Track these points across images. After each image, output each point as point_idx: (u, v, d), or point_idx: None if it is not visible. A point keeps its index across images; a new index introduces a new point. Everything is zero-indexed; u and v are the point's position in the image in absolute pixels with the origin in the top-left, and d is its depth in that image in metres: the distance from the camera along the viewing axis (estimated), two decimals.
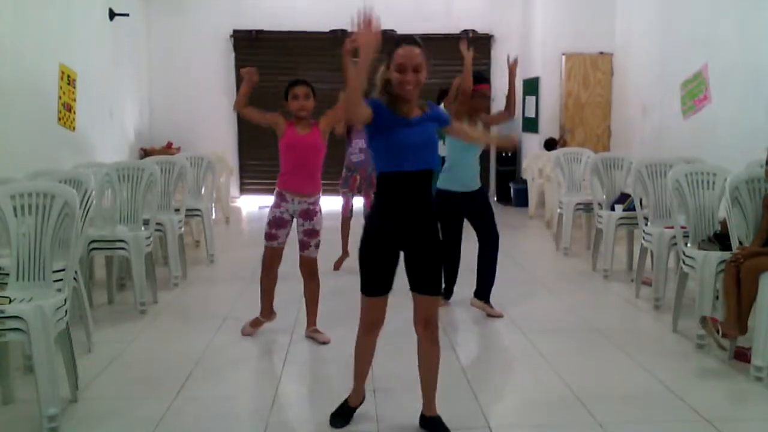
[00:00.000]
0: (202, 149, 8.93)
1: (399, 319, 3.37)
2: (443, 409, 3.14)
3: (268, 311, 4.48)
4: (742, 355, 3.88)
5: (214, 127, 10.89)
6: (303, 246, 4.30)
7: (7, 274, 3.56)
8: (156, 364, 4.08)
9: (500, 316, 4.90)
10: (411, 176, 2.86)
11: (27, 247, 3.46)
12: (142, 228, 5.25)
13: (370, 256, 2.92)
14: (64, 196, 3.45)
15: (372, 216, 2.95)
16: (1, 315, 3.05)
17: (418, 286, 2.95)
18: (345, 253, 6.37)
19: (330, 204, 5.99)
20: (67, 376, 3.44)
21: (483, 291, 4.97)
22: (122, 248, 4.94)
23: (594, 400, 3.47)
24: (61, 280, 3.50)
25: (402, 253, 2.94)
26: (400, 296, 3.05)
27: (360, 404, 3.26)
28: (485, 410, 3.38)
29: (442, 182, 4.75)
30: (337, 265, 6.30)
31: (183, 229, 6.15)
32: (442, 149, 4.89)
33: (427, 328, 2.97)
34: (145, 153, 9.97)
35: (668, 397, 3.52)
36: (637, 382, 3.75)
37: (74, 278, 3.80)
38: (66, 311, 3.34)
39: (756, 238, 4.02)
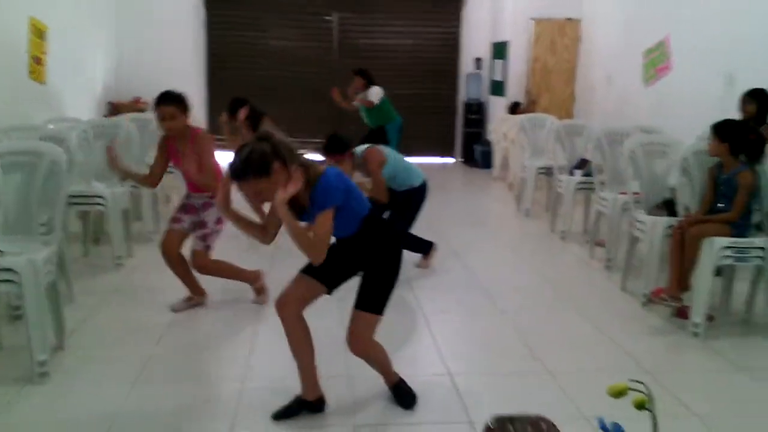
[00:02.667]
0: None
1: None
2: (408, 360, 3.42)
3: (194, 291, 4.43)
4: (683, 313, 4.22)
5: (182, 83, 10.64)
6: (193, 238, 4.29)
7: None
8: (136, 314, 4.29)
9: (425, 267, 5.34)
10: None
11: (14, 203, 3.60)
12: (118, 184, 5.38)
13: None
14: (51, 155, 3.59)
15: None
16: None
17: (357, 300, 2.92)
18: None
19: None
20: (54, 326, 3.62)
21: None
22: (99, 203, 5.09)
23: (546, 351, 3.79)
24: (44, 233, 3.66)
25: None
26: None
27: (314, 402, 3.06)
28: (446, 359, 3.67)
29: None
30: None
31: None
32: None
33: (351, 345, 2.94)
34: (113, 107, 9.96)
35: (614, 350, 3.85)
36: (587, 336, 4.08)
37: None
38: (54, 264, 3.51)
39: (700, 206, 4.33)
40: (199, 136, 4.14)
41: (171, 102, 4.04)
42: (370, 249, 2.91)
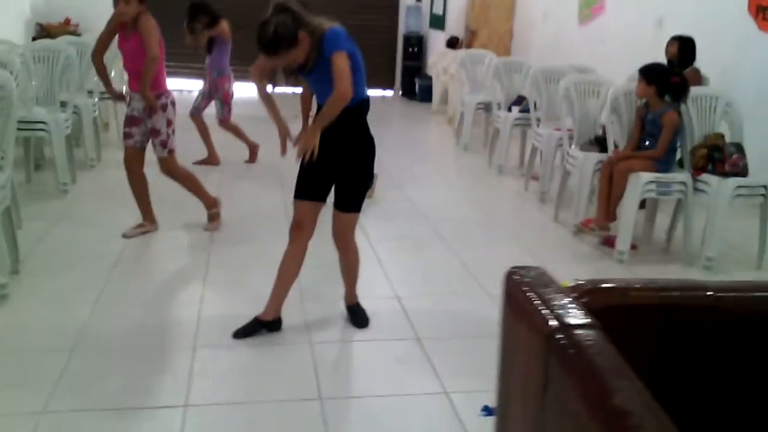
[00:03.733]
0: (102, 27, 8.66)
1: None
2: (360, 285, 3.62)
3: (146, 218, 4.50)
4: (609, 242, 4.58)
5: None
6: (152, 146, 4.33)
7: None
8: (87, 240, 4.35)
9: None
10: (320, 107, 3.04)
11: None
12: (60, 110, 5.31)
13: (301, 161, 3.13)
14: None
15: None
16: None
17: (335, 202, 3.18)
18: (210, 157, 6.33)
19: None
20: (8, 251, 3.65)
21: None
22: (42, 129, 5.03)
23: (485, 275, 4.08)
24: None
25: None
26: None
27: (272, 322, 3.25)
28: (393, 283, 3.92)
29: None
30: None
31: (97, 111, 6.20)
32: None
33: (339, 240, 3.24)
34: (42, 28, 9.57)
35: None
36: (522, 262, 4.36)
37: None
38: (8, 190, 3.53)
39: (628, 143, 4.64)
40: (144, 16, 4.13)
41: None
42: (350, 143, 3.07)
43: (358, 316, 3.42)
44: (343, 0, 11.11)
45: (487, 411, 2.13)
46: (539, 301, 1.19)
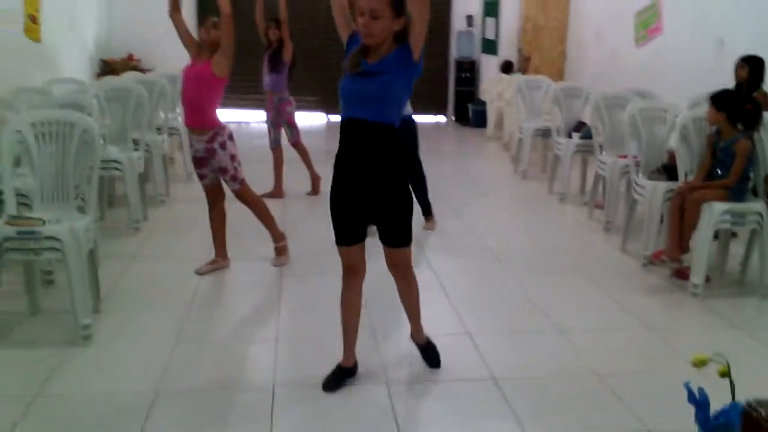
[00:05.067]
0: (163, 62, 8.92)
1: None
2: (430, 321, 3.61)
3: (220, 253, 4.57)
4: (682, 274, 4.48)
5: (175, 39, 10.75)
6: (224, 182, 4.45)
7: (25, 196, 3.82)
8: (163, 277, 4.45)
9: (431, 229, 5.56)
10: (352, 123, 2.87)
11: (50, 172, 3.71)
12: (132, 148, 5.48)
13: (331, 203, 3.01)
14: (82, 125, 3.70)
15: (334, 162, 2.98)
16: (39, 236, 3.35)
17: (381, 237, 3.04)
18: (275, 190, 6.42)
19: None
20: (91, 290, 3.77)
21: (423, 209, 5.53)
22: (116, 168, 5.19)
23: (553, 308, 4.04)
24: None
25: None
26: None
27: (353, 368, 3.23)
28: (463, 319, 3.90)
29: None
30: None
31: (167, 148, 6.39)
32: None
33: (395, 271, 3.11)
34: (105, 64, 9.90)
35: (617, 309, 4.10)
36: (590, 296, 4.32)
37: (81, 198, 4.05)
38: (93, 231, 3.65)
39: (698, 173, 4.55)
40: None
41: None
42: (384, 176, 2.90)
43: (430, 355, 3.38)
44: None
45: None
46: None
